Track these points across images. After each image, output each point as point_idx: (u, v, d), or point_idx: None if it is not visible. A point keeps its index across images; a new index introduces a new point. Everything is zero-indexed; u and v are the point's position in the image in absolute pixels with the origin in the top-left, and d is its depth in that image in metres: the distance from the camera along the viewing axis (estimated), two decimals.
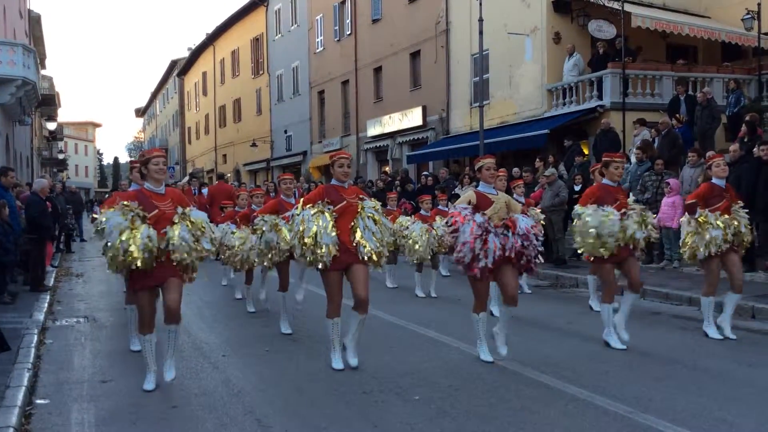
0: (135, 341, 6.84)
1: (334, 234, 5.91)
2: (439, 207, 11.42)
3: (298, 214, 6.06)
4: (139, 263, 5.23)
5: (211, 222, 5.82)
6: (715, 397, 5.17)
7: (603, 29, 18.14)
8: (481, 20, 17.56)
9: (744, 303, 8.32)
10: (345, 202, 6.08)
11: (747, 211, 7.39)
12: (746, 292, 8.65)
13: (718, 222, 7.06)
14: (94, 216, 6.45)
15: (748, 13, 17.50)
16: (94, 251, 6.24)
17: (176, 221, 5.44)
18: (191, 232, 5.43)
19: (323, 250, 5.86)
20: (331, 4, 30.46)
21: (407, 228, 10.27)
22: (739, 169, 10.28)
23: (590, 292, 9.14)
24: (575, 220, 6.91)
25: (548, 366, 6.10)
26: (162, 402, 5.32)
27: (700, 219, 7.15)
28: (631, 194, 7.99)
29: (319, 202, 6.08)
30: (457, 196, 13.35)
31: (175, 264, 5.44)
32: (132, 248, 5.19)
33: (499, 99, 20.87)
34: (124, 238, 5.21)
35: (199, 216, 5.55)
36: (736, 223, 7.15)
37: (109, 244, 5.29)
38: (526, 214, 6.54)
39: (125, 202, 5.40)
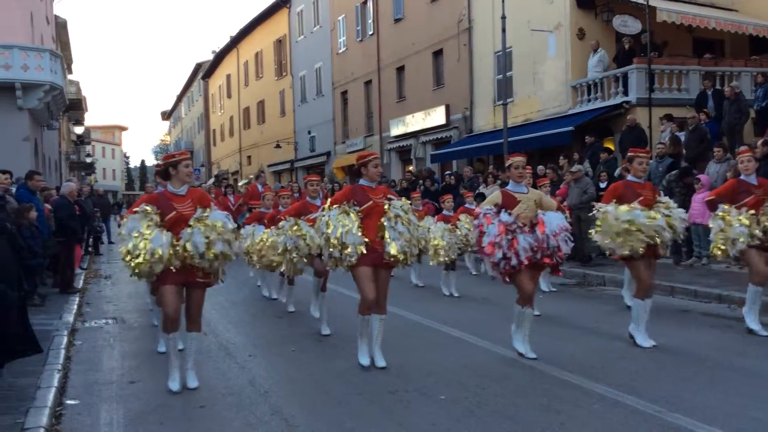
0: (163, 343, 6.90)
1: (360, 234, 5.91)
2: (466, 205, 11.36)
3: (324, 215, 6.07)
4: (147, 267, 5.25)
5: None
6: (748, 396, 5.07)
7: (628, 24, 17.92)
8: (503, 17, 17.47)
9: None
10: (371, 202, 6.08)
11: None
12: None
13: (741, 218, 6.92)
14: (119, 223, 6.52)
15: None
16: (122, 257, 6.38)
17: (192, 224, 5.42)
18: (205, 234, 5.36)
19: (350, 250, 5.86)
20: (353, 4, 30.50)
21: (428, 230, 10.21)
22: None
23: (625, 287, 8.97)
24: (597, 220, 6.79)
25: (575, 365, 6.04)
26: (189, 402, 5.36)
27: (720, 215, 7.03)
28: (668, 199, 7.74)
29: (345, 202, 6.09)
30: (483, 195, 13.31)
31: (196, 267, 5.45)
32: (141, 253, 5.22)
33: (522, 96, 20.73)
34: (136, 243, 5.25)
35: (218, 218, 5.49)
36: (766, 220, 6.98)
37: (128, 249, 5.32)
38: (561, 210, 6.50)
39: (146, 207, 5.44)
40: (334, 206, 6.08)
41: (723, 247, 7.05)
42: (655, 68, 17.11)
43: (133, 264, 5.29)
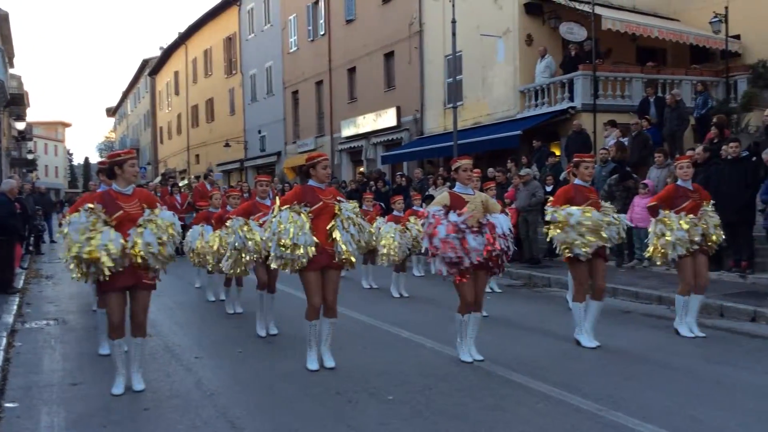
0: (104, 345, 6.78)
1: (311, 235, 5.90)
2: (414, 207, 11.45)
3: (274, 216, 6.04)
4: (101, 264, 5.16)
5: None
6: (685, 395, 5.25)
7: (574, 31, 18.33)
8: (454, 21, 17.66)
9: (712, 301, 8.47)
10: (322, 203, 6.08)
11: (714, 209, 7.50)
12: (714, 290, 8.85)
13: (682, 223, 7.17)
14: (61, 221, 6.34)
15: (715, 17, 17.83)
16: (64, 253, 6.18)
17: (141, 224, 5.34)
18: (157, 235, 5.30)
19: (301, 251, 5.85)
20: (305, 4, 30.37)
21: (378, 230, 10.26)
22: (708, 170, 10.45)
23: (569, 291, 9.16)
24: (551, 221, 6.94)
25: (521, 365, 6.15)
26: (133, 405, 5.27)
27: (663, 220, 7.28)
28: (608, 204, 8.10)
29: (295, 203, 6.07)
30: (431, 197, 13.42)
31: (142, 268, 5.36)
32: (92, 250, 5.12)
33: (472, 100, 20.98)
34: (86, 237, 5.14)
35: (167, 218, 5.45)
36: (703, 224, 7.25)
37: (71, 246, 5.20)
38: (504, 213, 6.59)
39: (89, 205, 5.32)
40: (285, 207, 6.06)
41: (663, 251, 7.28)
42: (599, 75, 17.54)
43: (85, 257, 5.14)
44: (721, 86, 18.23)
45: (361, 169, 26.61)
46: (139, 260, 5.28)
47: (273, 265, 6.15)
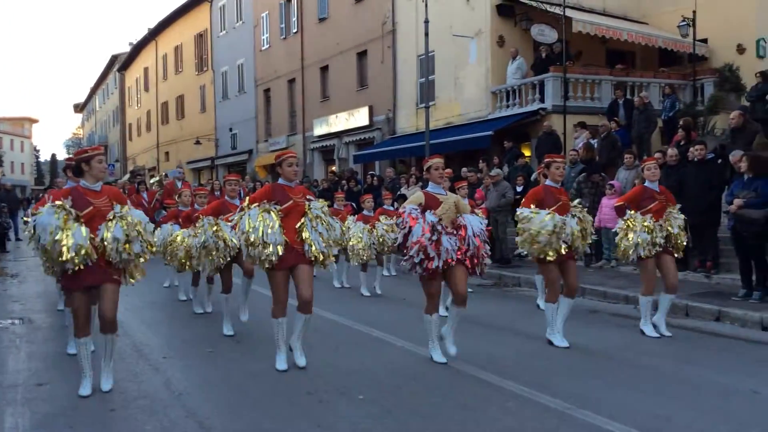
0: (73, 344, 6.68)
1: (280, 233, 5.88)
2: (385, 206, 11.46)
3: (243, 214, 6.00)
4: (72, 264, 5.09)
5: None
6: (651, 393, 5.33)
7: (545, 33, 18.50)
8: (426, 22, 17.71)
9: (678, 301, 8.60)
10: (292, 201, 6.05)
11: (679, 209, 7.61)
12: (680, 290, 8.97)
13: (645, 224, 7.27)
14: (26, 219, 6.25)
15: (683, 21, 18.12)
16: (30, 251, 6.07)
17: (111, 218, 5.27)
18: (126, 232, 5.24)
19: (270, 250, 5.82)
20: (277, 1, 30.23)
21: (348, 229, 10.26)
22: (679, 173, 10.57)
23: (538, 292, 9.29)
24: (518, 224, 7.01)
25: (491, 364, 6.19)
26: (100, 406, 5.19)
27: (627, 221, 7.38)
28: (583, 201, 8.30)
29: (265, 201, 6.04)
30: (404, 196, 13.45)
31: (110, 265, 5.30)
32: (63, 249, 5.04)
33: (444, 100, 21.06)
34: (57, 238, 5.06)
35: (137, 216, 5.38)
36: (668, 226, 7.35)
37: (41, 245, 5.15)
38: (474, 213, 6.62)
39: (58, 201, 5.25)
40: (254, 205, 6.02)
41: (625, 251, 7.38)
42: (570, 77, 17.73)
43: (62, 259, 5.07)
44: (688, 89, 18.54)
45: (333, 168, 26.57)
46: (106, 257, 5.21)
47: (246, 262, 6.13)
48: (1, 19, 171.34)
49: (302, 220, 6.02)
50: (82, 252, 5.08)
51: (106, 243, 5.19)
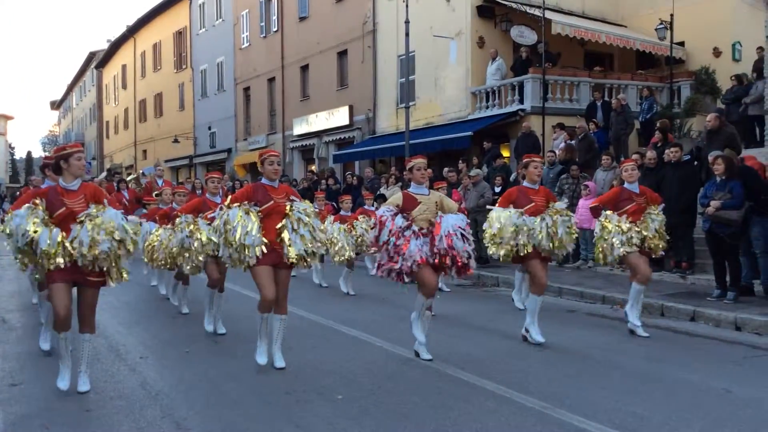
0: (46, 339, 6.63)
1: (259, 236, 5.83)
2: (365, 207, 11.46)
3: (223, 214, 5.95)
4: (49, 264, 5.07)
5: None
6: (627, 392, 5.38)
7: (524, 35, 18.61)
8: (407, 22, 17.74)
9: (654, 301, 8.72)
10: (272, 202, 6.00)
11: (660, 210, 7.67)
12: (655, 290, 9.11)
13: (621, 225, 7.33)
14: (3, 219, 6.19)
15: (661, 24, 18.35)
16: (4, 250, 5.99)
17: (81, 219, 5.21)
18: (92, 235, 5.13)
19: (249, 252, 5.79)
20: (257, 0, 30.09)
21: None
22: (657, 175, 10.67)
23: (515, 287, 9.32)
24: (486, 227, 7.06)
25: (469, 363, 6.22)
26: (75, 406, 5.14)
27: (603, 222, 7.44)
28: (564, 199, 8.37)
29: (245, 202, 5.99)
30: (383, 196, 13.46)
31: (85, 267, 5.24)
32: (39, 251, 5.06)
33: (424, 100, 21.10)
34: (30, 231, 5.06)
35: (111, 217, 5.26)
36: (644, 229, 7.35)
37: (17, 245, 5.16)
38: (462, 211, 6.61)
39: (35, 200, 5.21)
40: (234, 205, 5.97)
41: (603, 253, 7.45)
42: (549, 78, 17.85)
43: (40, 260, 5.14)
44: (665, 91, 18.76)
45: (312, 167, 26.51)
46: (79, 260, 5.17)
47: (225, 265, 6.08)
48: None
49: (283, 221, 5.98)
50: (44, 253, 5.08)
51: (72, 246, 5.14)
